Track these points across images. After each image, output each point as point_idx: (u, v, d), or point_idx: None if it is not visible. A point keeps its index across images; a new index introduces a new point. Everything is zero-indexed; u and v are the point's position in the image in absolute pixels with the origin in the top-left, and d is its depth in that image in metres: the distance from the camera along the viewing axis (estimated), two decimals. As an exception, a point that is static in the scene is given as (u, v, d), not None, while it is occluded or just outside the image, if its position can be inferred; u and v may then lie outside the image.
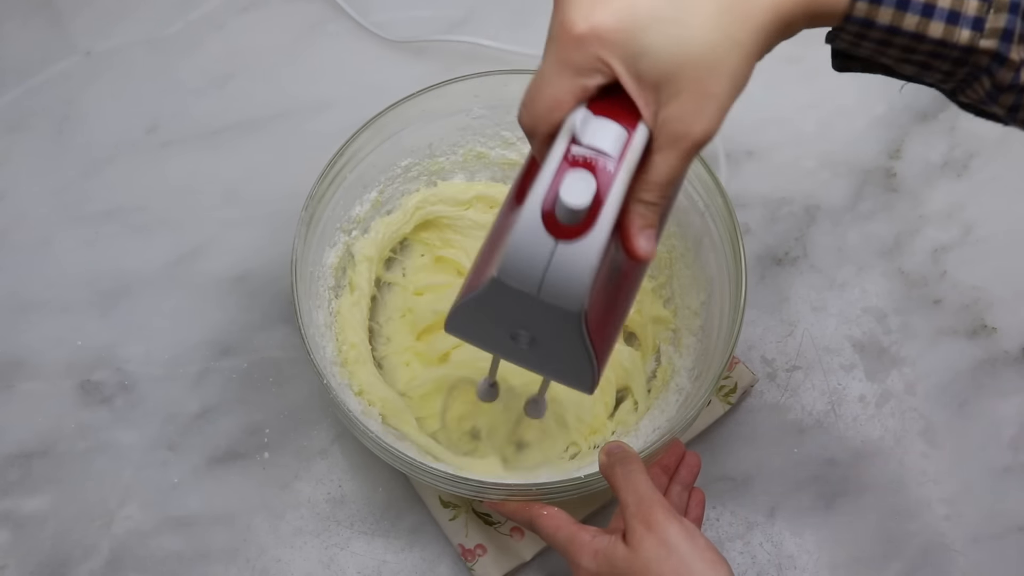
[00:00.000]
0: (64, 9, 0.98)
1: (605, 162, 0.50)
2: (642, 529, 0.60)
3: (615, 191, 0.50)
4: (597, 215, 0.49)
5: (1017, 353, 0.86)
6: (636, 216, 0.52)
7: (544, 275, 0.50)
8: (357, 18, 0.96)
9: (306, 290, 0.76)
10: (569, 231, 0.49)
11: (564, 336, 0.54)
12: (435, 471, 0.69)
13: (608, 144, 0.50)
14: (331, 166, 0.76)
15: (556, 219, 0.49)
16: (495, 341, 0.59)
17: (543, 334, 0.55)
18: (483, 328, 0.58)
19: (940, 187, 0.92)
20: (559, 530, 0.66)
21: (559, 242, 0.50)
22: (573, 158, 0.50)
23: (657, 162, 0.51)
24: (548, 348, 0.57)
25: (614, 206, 0.50)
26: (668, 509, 0.61)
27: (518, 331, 0.56)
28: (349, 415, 0.69)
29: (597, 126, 0.51)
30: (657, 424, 0.77)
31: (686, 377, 0.78)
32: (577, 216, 0.49)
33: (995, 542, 0.80)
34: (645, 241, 0.52)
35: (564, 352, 0.56)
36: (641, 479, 0.63)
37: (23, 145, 0.93)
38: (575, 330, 0.53)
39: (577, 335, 0.54)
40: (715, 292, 0.78)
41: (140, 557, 0.79)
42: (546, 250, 0.50)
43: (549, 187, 0.50)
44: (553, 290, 0.51)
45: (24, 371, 0.85)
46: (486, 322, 0.57)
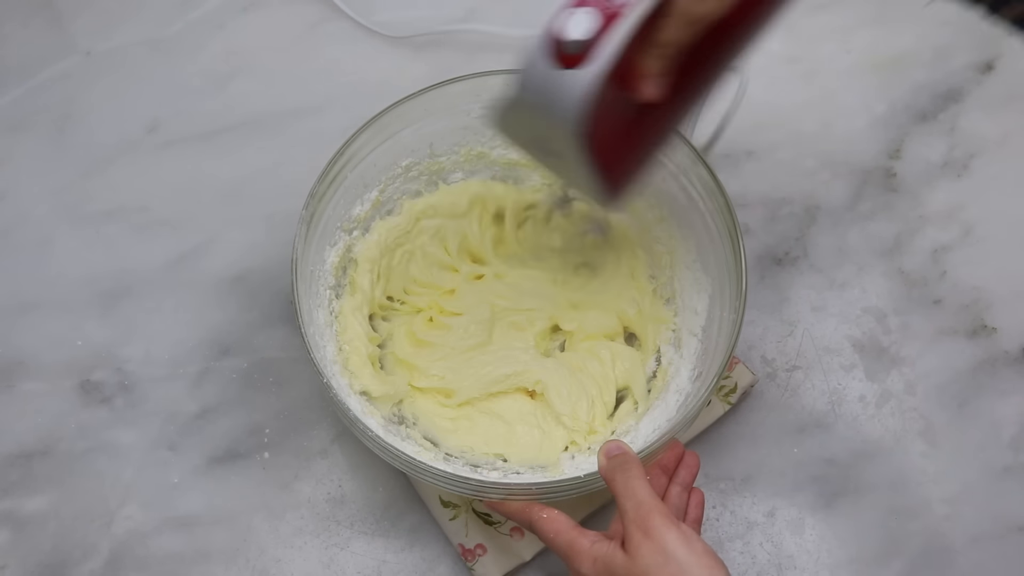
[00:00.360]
0: (64, 9, 0.98)
1: (614, 6, 0.57)
2: (640, 536, 0.60)
3: (617, 31, 0.57)
4: (596, 48, 0.57)
5: (1017, 353, 0.86)
6: (642, 67, 0.60)
7: (546, 96, 0.59)
8: (356, 17, 0.96)
9: (306, 289, 0.76)
10: (571, 60, 0.57)
11: (570, 151, 0.62)
12: (435, 470, 0.69)
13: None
14: (332, 165, 0.76)
15: (562, 49, 0.57)
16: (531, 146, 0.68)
17: (557, 148, 0.63)
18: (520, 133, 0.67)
19: (940, 187, 0.92)
20: (559, 534, 0.66)
21: (563, 69, 0.58)
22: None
23: (667, 28, 0.58)
24: (565, 160, 0.65)
25: (613, 43, 0.57)
26: (666, 515, 0.61)
27: (544, 142, 0.65)
28: (349, 415, 0.69)
29: None
30: (657, 424, 0.77)
31: (686, 377, 0.78)
32: (578, 47, 0.57)
33: (995, 542, 0.80)
34: (647, 85, 0.61)
35: (576, 165, 0.64)
36: (640, 484, 0.63)
37: (23, 145, 0.93)
38: (574, 146, 0.61)
39: (576, 151, 0.62)
40: (715, 292, 0.78)
41: (140, 557, 0.79)
42: (548, 73, 0.58)
43: (558, 19, 0.57)
44: (553, 109, 0.59)
45: (24, 371, 0.85)
46: (521, 128, 0.66)
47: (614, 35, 0.57)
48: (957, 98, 0.94)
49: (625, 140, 0.66)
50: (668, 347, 0.82)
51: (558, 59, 0.58)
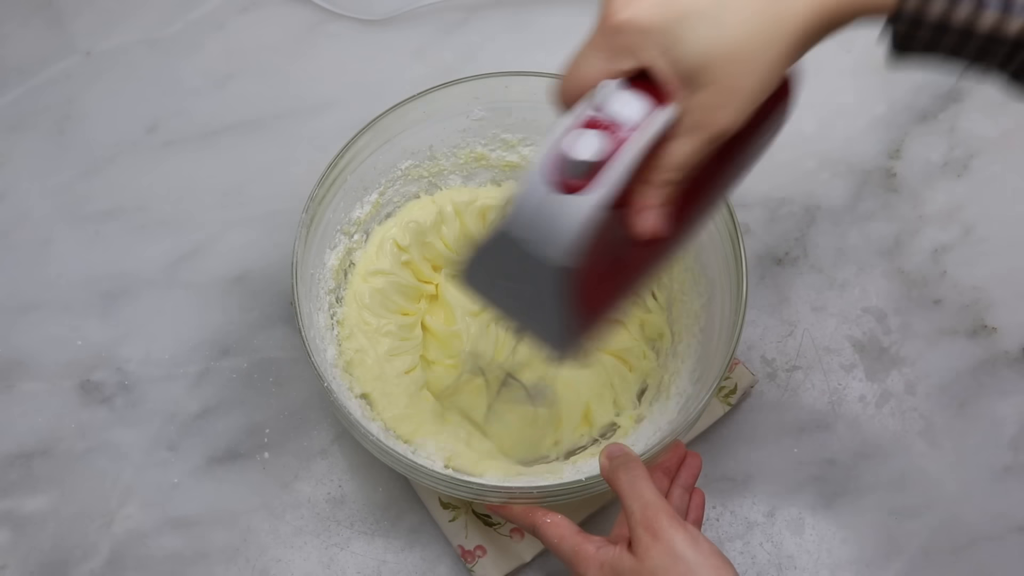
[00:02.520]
0: (64, 9, 0.98)
1: (621, 128, 0.51)
2: (648, 538, 0.60)
3: (625, 154, 0.51)
4: (601, 174, 0.51)
5: (1017, 353, 0.86)
6: (643, 195, 0.54)
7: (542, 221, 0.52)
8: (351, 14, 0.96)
9: (306, 292, 0.75)
10: (572, 186, 0.51)
11: (551, 289, 0.55)
12: (435, 474, 0.69)
13: (628, 112, 0.52)
14: (332, 168, 0.76)
15: (562, 172, 0.51)
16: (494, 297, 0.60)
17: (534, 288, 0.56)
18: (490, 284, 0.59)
19: (940, 187, 0.92)
20: (563, 539, 0.65)
21: (561, 195, 0.51)
22: (589, 120, 0.52)
23: (675, 146, 0.53)
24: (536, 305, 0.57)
25: (620, 168, 0.51)
26: (672, 515, 0.61)
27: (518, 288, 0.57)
28: (350, 418, 0.69)
29: (623, 97, 0.52)
30: (658, 426, 0.77)
31: (687, 380, 0.78)
32: (580, 170, 0.51)
33: (995, 542, 0.80)
34: (650, 219, 0.54)
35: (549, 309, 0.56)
36: (645, 484, 0.62)
37: (24, 145, 0.93)
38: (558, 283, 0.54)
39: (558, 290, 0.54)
40: (716, 294, 0.78)
41: (140, 557, 0.79)
42: (548, 200, 0.51)
43: (560, 143, 0.51)
44: (547, 236, 0.52)
45: (24, 371, 0.85)
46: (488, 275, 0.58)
47: (623, 156, 0.51)
48: (957, 98, 0.94)
49: (608, 280, 0.59)
50: (668, 350, 0.82)
51: (560, 184, 0.51)
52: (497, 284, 0.58)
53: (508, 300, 0.59)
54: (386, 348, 0.80)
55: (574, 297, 0.55)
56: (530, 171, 0.52)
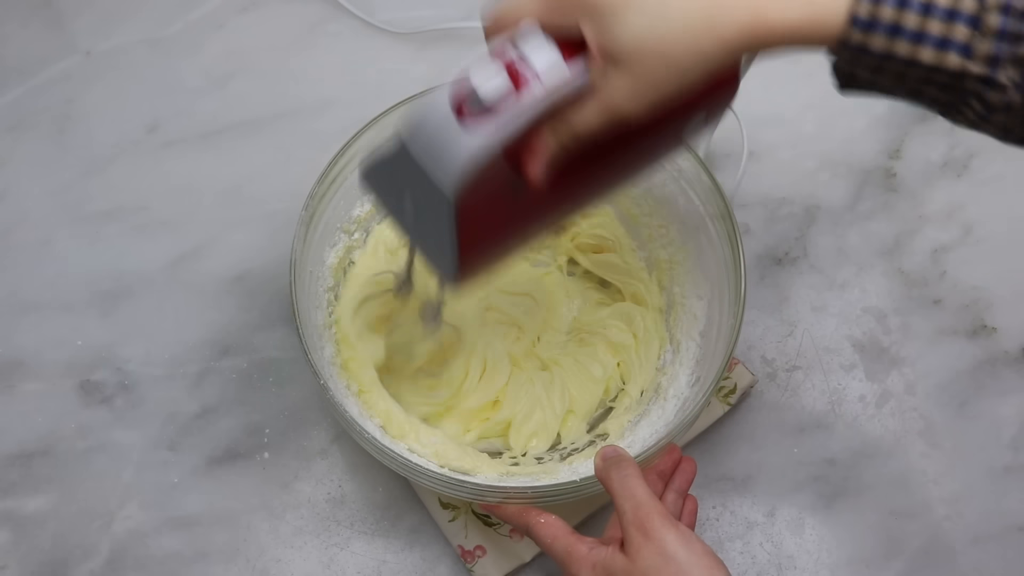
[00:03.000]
0: (64, 9, 0.98)
1: (530, 76, 0.53)
2: (640, 538, 0.60)
3: (525, 99, 0.53)
4: (499, 113, 0.53)
5: (1017, 353, 0.86)
6: (540, 143, 0.56)
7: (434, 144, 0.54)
8: (358, 13, 0.96)
9: (304, 290, 0.75)
10: (471, 114, 0.53)
11: (437, 214, 0.57)
12: (432, 473, 0.69)
13: (540, 60, 0.54)
14: (332, 166, 0.76)
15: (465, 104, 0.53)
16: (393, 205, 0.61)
17: (423, 206, 0.58)
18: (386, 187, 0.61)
19: (940, 187, 0.92)
20: (556, 540, 0.66)
21: (458, 122, 0.53)
22: (502, 54, 0.54)
23: (578, 115, 0.55)
24: (426, 222, 0.59)
25: (520, 112, 0.53)
26: (665, 515, 0.61)
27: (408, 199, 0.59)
28: (346, 416, 0.69)
29: (540, 44, 0.54)
30: (655, 428, 0.77)
31: (684, 382, 0.78)
32: (481, 104, 0.53)
33: (995, 542, 0.80)
34: (537, 167, 0.56)
35: (437, 232, 0.58)
36: (637, 484, 0.62)
37: (24, 145, 0.93)
38: (445, 210, 0.56)
39: (446, 216, 0.56)
40: (715, 296, 0.78)
41: (140, 557, 0.79)
42: (443, 124, 0.53)
43: (470, 72, 0.53)
44: (436, 163, 0.54)
45: (24, 371, 0.85)
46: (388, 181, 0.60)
47: (524, 103, 0.53)
48: (957, 98, 0.94)
49: (495, 221, 0.61)
50: (667, 352, 0.82)
51: (457, 113, 0.53)
52: (394, 190, 0.60)
53: (404, 211, 0.61)
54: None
55: (462, 224, 0.57)
56: (437, 91, 0.53)
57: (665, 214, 0.82)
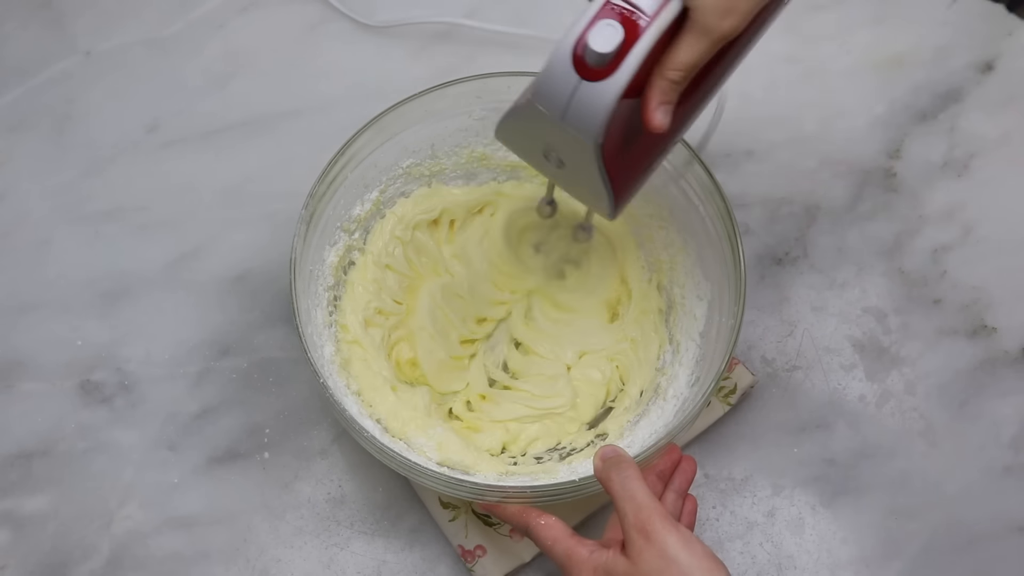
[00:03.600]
0: (64, 9, 0.98)
1: (639, 18, 0.57)
2: (641, 540, 0.60)
3: (640, 46, 0.57)
4: (620, 63, 0.57)
5: (1017, 353, 0.86)
6: (657, 90, 0.60)
7: (567, 106, 0.59)
8: (354, 16, 0.96)
9: (305, 289, 0.75)
10: (593, 72, 0.57)
11: (585, 162, 0.62)
12: (431, 472, 0.69)
13: (645, 3, 0.57)
14: (332, 165, 0.76)
15: (584, 60, 0.57)
16: (534, 156, 0.67)
17: (569, 158, 0.64)
18: (524, 142, 0.67)
19: (940, 187, 0.92)
20: (556, 542, 0.66)
21: (583, 80, 0.57)
22: (610, 7, 0.57)
23: (684, 46, 0.59)
24: (574, 171, 0.65)
25: (635, 59, 0.57)
26: (666, 517, 0.61)
27: (550, 151, 0.65)
28: (346, 415, 0.69)
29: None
30: (654, 428, 0.77)
31: (684, 382, 0.78)
32: (603, 60, 0.57)
33: (995, 542, 0.80)
34: (661, 114, 0.61)
35: (586, 177, 0.64)
36: (638, 486, 0.62)
37: (23, 145, 0.93)
38: (592, 159, 0.61)
39: (594, 164, 0.62)
40: (715, 297, 0.78)
41: (140, 557, 0.79)
42: (571, 85, 0.58)
43: (583, 30, 0.57)
44: (574, 120, 0.59)
45: (24, 371, 0.85)
46: (526, 137, 0.66)
47: (637, 50, 0.57)
48: (957, 98, 0.94)
49: (632, 152, 0.67)
50: (667, 354, 0.82)
51: (580, 71, 0.57)
52: (535, 146, 0.66)
53: (547, 162, 0.66)
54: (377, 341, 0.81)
55: (609, 167, 0.63)
56: (556, 53, 0.58)
57: (665, 215, 0.82)
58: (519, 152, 0.69)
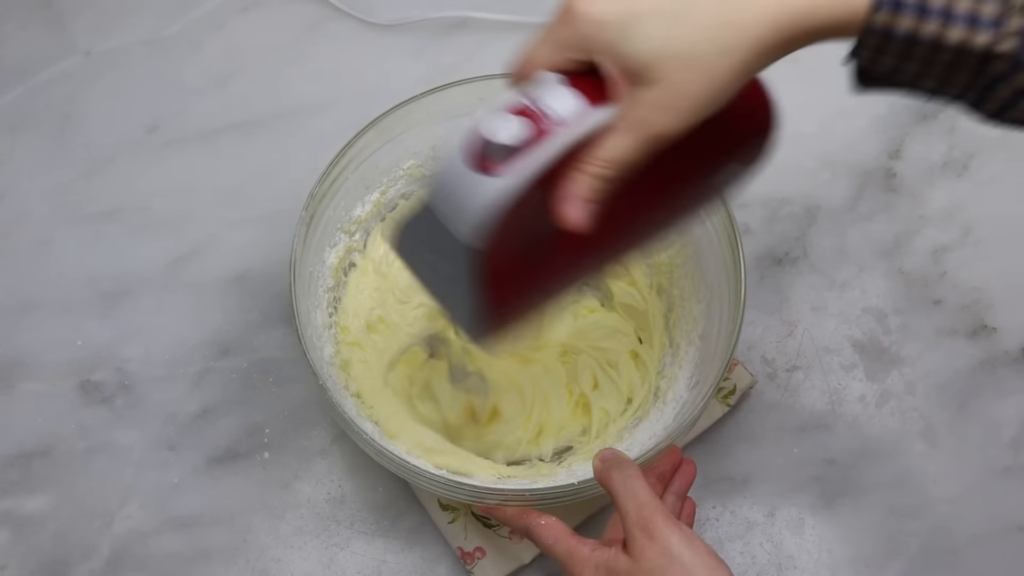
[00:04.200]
0: (64, 9, 0.98)
1: (548, 121, 0.52)
2: (644, 538, 0.60)
3: (546, 146, 0.51)
4: (517, 158, 0.51)
5: (1017, 353, 0.86)
6: (572, 182, 0.53)
7: (454, 198, 0.52)
8: (358, 15, 0.96)
9: (304, 290, 0.75)
10: (488, 167, 0.51)
11: (459, 269, 0.55)
12: (430, 475, 0.69)
13: (559, 108, 0.52)
14: (333, 165, 0.76)
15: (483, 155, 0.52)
16: (421, 269, 0.61)
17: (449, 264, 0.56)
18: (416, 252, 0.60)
19: (940, 187, 0.92)
20: (557, 542, 0.65)
21: (477, 173, 0.51)
22: (519, 107, 0.52)
23: (612, 140, 0.52)
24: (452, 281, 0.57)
25: (538, 158, 0.51)
26: (668, 515, 0.61)
27: (434, 259, 0.57)
28: (345, 417, 0.69)
29: (558, 92, 0.53)
30: (654, 431, 0.76)
31: (684, 385, 0.78)
32: (499, 153, 0.51)
33: (995, 542, 0.80)
34: (572, 209, 0.53)
35: (461, 288, 0.56)
36: (639, 485, 0.62)
37: (24, 145, 0.93)
38: (465, 263, 0.54)
39: (467, 269, 0.54)
40: (714, 299, 0.77)
41: (140, 557, 0.79)
42: (459, 174, 0.52)
43: (484, 122, 0.52)
44: (457, 217, 0.52)
45: (24, 371, 0.85)
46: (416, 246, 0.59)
47: (544, 145, 0.51)
48: (957, 98, 0.94)
49: (527, 272, 0.58)
50: (667, 356, 0.82)
51: (477, 163, 0.52)
52: (422, 255, 0.59)
53: (431, 273, 0.60)
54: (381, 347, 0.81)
55: (488, 280, 0.55)
56: (451, 145, 0.52)
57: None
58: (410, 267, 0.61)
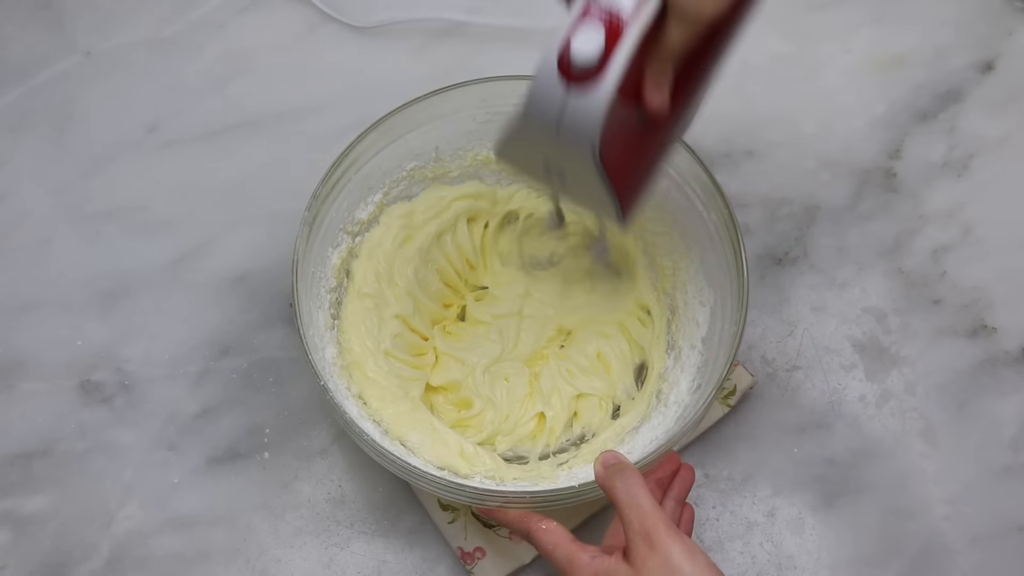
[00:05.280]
0: (64, 9, 0.98)
1: (619, 19, 0.56)
2: (645, 548, 0.60)
3: (624, 45, 0.56)
4: (607, 65, 0.56)
5: (1017, 353, 0.86)
6: (650, 76, 0.60)
7: (560, 117, 0.58)
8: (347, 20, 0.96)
9: (307, 291, 0.75)
10: (582, 78, 0.56)
11: (585, 172, 0.61)
12: (431, 476, 0.69)
13: (624, 3, 0.57)
14: (336, 167, 0.76)
15: (571, 67, 0.56)
16: (535, 172, 0.67)
17: (570, 169, 0.63)
18: (525, 159, 0.66)
19: (940, 187, 0.92)
20: (557, 547, 0.65)
21: (572, 87, 0.57)
22: (588, 11, 0.57)
23: (669, 36, 0.58)
24: (577, 182, 0.64)
25: (623, 58, 0.56)
26: (670, 526, 0.61)
27: (551, 164, 0.64)
28: (346, 418, 0.69)
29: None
30: (655, 435, 0.76)
31: (685, 389, 0.78)
32: (588, 64, 0.56)
33: (995, 542, 0.80)
34: (658, 97, 0.61)
35: (590, 186, 0.63)
36: (642, 493, 0.62)
37: (24, 145, 0.93)
38: (592, 166, 0.60)
39: (595, 172, 0.61)
40: (717, 303, 0.77)
41: (140, 557, 0.79)
42: (560, 94, 0.57)
43: (565, 37, 0.56)
44: (568, 130, 0.58)
45: (24, 371, 0.85)
46: (526, 154, 0.65)
47: (622, 48, 0.56)
48: (957, 98, 0.94)
49: (633, 155, 0.66)
50: (668, 361, 0.82)
51: (568, 79, 0.57)
52: (534, 161, 0.65)
53: (549, 176, 0.65)
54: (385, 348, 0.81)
55: (610, 174, 0.61)
56: (542, 65, 0.57)
57: (668, 221, 0.81)
58: (522, 170, 0.68)
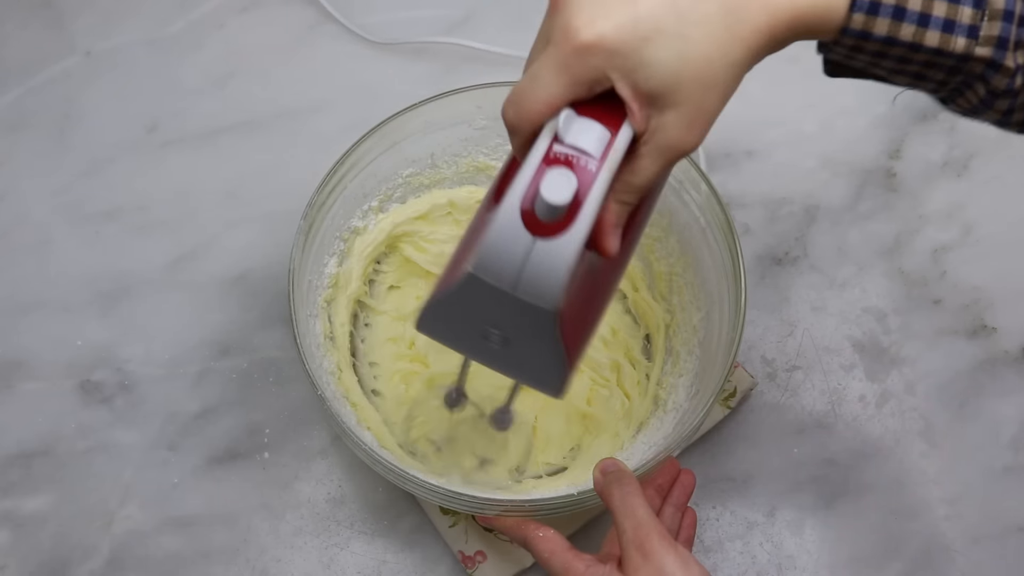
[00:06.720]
0: (64, 9, 0.98)
1: (587, 161, 0.50)
2: (639, 558, 0.60)
3: (596, 190, 0.50)
4: (576, 213, 0.49)
5: (1017, 353, 0.86)
6: (611, 215, 0.53)
7: (521, 272, 0.50)
8: (345, 22, 0.96)
9: (303, 300, 0.75)
10: (548, 228, 0.49)
11: (537, 335, 0.53)
12: (429, 484, 0.68)
13: (591, 144, 0.50)
14: (332, 174, 0.76)
15: (535, 216, 0.49)
16: (467, 341, 0.58)
17: (516, 333, 0.55)
18: (455, 327, 0.57)
19: (940, 187, 0.92)
20: (554, 555, 0.65)
21: (537, 239, 0.49)
22: (555, 156, 0.50)
23: (641, 166, 0.52)
24: (520, 348, 0.56)
25: (594, 205, 0.50)
26: (664, 536, 0.61)
27: (490, 330, 0.55)
28: (343, 426, 0.69)
29: (581, 126, 0.51)
30: (653, 441, 0.76)
31: (683, 395, 0.78)
32: (557, 213, 0.49)
33: (995, 542, 0.80)
34: (613, 238, 0.53)
35: (536, 352, 0.55)
36: (638, 502, 0.62)
37: (23, 145, 0.93)
38: (549, 329, 0.52)
39: (550, 335, 0.53)
40: (714, 307, 0.77)
41: (140, 557, 0.79)
42: (523, 246, 0.50)
43: (529, 184, 0.50)
44: (529, 287, 0.50)
45: (24, 371, 0.85)
46: (459, 320, 0.56)
47: (594, 194, 0.50)
48: (957, 98, 0.94)
49: (583, 306, 0.57)
50: (666, 365, 0.81)
51: (532, 230, 0.49)
52: (467, 330, 0.56)
53: (484, 345, 0.57)
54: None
55: (565, 333, 0.54)
56: (502, 215, 0.50)
57: (664, 225, 0.81)
58: (447, 341, 0.59)
